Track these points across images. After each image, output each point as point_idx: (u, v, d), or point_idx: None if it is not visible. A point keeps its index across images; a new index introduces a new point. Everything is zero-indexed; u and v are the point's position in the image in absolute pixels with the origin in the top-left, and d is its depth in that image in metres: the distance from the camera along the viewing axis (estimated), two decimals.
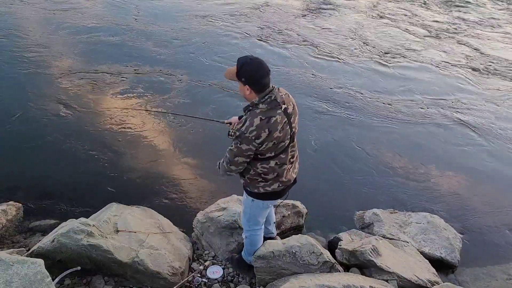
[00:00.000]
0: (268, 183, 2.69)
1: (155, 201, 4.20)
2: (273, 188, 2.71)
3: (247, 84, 2.45)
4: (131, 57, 6.98)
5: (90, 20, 8.31)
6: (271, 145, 2.50)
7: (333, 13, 9.89)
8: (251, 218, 3.00)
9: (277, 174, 2.66)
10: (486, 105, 6.59)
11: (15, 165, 4.52)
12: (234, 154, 2.54)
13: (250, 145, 2.45)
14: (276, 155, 2.58)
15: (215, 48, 7.62)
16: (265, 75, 2.44)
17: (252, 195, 2.81)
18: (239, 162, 2.56)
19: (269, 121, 2.43)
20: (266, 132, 2.43)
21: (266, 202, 2.85)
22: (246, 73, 2.44)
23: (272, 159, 2.59)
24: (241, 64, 2.45)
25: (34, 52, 6.86)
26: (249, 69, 2.44)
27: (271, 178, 2.67)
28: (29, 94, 5.76)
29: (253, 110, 2.47)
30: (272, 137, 2.46)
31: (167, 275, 3.09)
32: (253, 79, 2.44)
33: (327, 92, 6.54)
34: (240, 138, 2.45)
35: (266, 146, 2.48)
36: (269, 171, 2.63)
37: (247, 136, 2.42)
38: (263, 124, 2.42)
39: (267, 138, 2.45)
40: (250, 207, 2.93)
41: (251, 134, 2.41)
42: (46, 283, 2.50)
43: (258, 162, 2.60)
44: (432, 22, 9.72)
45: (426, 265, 3.54)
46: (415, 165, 5.14)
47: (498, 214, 4.52)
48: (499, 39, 9.01)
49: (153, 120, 5.46)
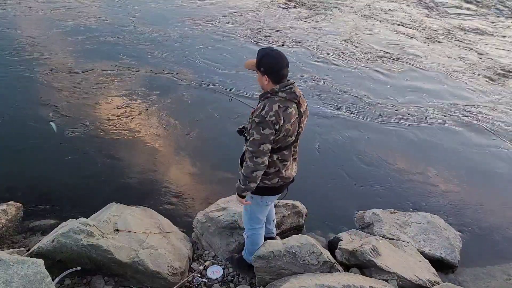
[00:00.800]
0: (269, 177, 2.72)
1: (155, 201, 4.20)
2: (272, 183, 2.74)
3: (266, 74, 2.54)
4: (132, 57, 6.99)
5: (87, 19, 8.31)
6: (281, 137, 2.55)
7: (329, 15, 9.88)
8: (252, 216, 3.01)
9: (278, 169, 2.70)
10: (489, 106, 6.59)
11: (15, 165, 4.52)
12: (258, 142, 2.51)
13: (272, 129, 2.48)
14: (280, 149, 2.62)
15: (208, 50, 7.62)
16: (284, 66, 2.53)
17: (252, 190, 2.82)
18: (265, 150, 2.52)
19: (286, 110, 2.51)
20: (282, 120, 2.49)
21: (264, 198, 2.86)
22: (266, 64, 2.53)
23: (275, 153, 2.62)
24: (261, 55, 2.55)
25: (33, 50, 6.87)
26: (269, 60, 2.53)
27: (272, 172, 2.70)
28: (29, 94, 5.77)
29: (272, 98, 2.53)
30: (285, 127, 2.52)
31: (167, 275, 3.09)
32: (272, 70, 2.53)
33: (327, 92, 6.54)
34: (262, 123, 2.48)
35: (278, 136, 2.53)
36: (271, 165, 2.66)
37: (268, 120, 2.46)
38: (281, 112, 2.49)
39: (281, 126, 2.50)
40: (250, 204, 2.93)
41: (271, 119, 2.46)
42: (46, 283, 2.50)
43: None
44: (432, 25, 9.71)
45: (426, 265, 3.54)
46: (415, 166, 5.14)
47: (498, 214, 4.52)
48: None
49: (153, 120, 5.46)
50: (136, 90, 6.06)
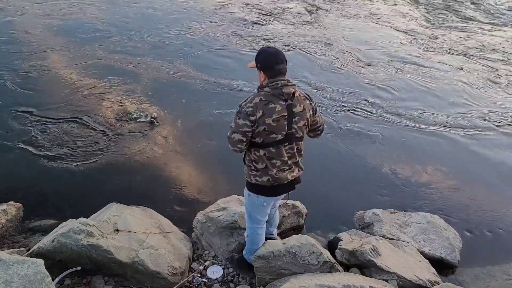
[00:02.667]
0: (259, 174, 2.75)
1: (155, 201, 4.19)
2: (263, 181, 2.76)
3: (262, 69, 2.62)
4: (133, 58, 7.00)
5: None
6: (261, 130, 2.58)
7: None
8: (251, 215, 3.04)
9: (265, 166, 2.71)
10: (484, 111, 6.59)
11: (15, 165, 4.51)
12: (232, 130, 2.64)
13: (246, 120, 2.55)
14: (265, 145, 2.65)
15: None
16: (278, 62, 2.57)
17: (248, 187, 2.89)
18: (236, 139, 2.61)
19: (267, 104, 2.55)
20: (260, 113, 2.54)
21: (260, 198, 2.87)
22: (261, 60, 2.61)
23: (261, 148, 2.67)
24: (259, 52, 2.66)
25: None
26: (264, 56, 2.61)
27: (260, 168, 2.73)
28: (29, 94, 5.77)
29: (259, 92, 2.63)
30: (264, 121, 2.55)
31: (167, 275, 3.09)
32: (266, 65, 2.59)
33: (327, 94, 6.54)
34: (239, 113, 2.59)
35: (257, 129, 2.58)
36: (258, 159, 2.70)
37: (244, 110, 2.55)
38: (261, 105, 2.55)
39: (259, 119, 2.54)
40: (248, 202, 2.99)
41: (248, 110, 2.54)
42: (46, 283, 2.50)
43: (253, 147, 2.70)
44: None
45: (426, 265, 3.54)
46: (415, 166, 5.14)
47: (498, 214, 4.52)
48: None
49: (153, 120, 5.45)
50: (136, 90, 6.06)
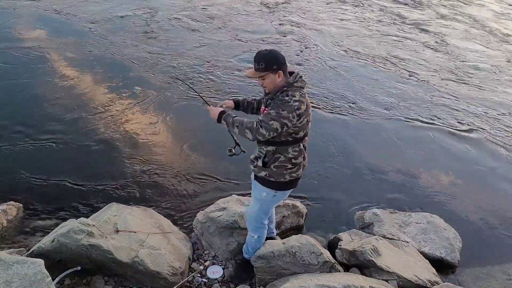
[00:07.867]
0: (295, 168, 2.73)
1: (155, 201, 4.20)
2: (298, 174, 2.77)
3: (280, 69, 2.55)
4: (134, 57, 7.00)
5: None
6: (305, 122, 2.58)
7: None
8: (260, 215, 2.99)
9: (303, 157, 2.74)
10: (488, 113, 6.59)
11: (15, 165, 4.51)
12: (271, 117, 2.49)
13: (290, 114, 2.48)
14: (304, 136, 2.67)
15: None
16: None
17: (275, 187, 2.78)
18: (273, 127, 2.48)
19: (305, 96, 2.59)
20: (304, 106, 2.54)
21: (278, 193, 2.83)
22: (275, 60, 2.56)
23: (301, 141, 2.67)
24: (262, 57, 2.55)
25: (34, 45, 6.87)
26: (275, 56, 2.57)
27: (299, 163, 2.73)
28: (28, 94, 5.77)
29: (290, 88, 2.56)
30: (307, 112, 2.58)
31: (167, 275, 3.08)
32: (281, 62, 2.57)
33: (327, 94, 6.54)
34: (283, 106, 2.50)
35: (302, 121, 2.56)
36: (299, 154, 2.69)
37: (291, 104, 2.49)
38: (302, 98, 2.56)
39: (304, 111, 2.54)
40: (262, 203, 2.91)
41: (294, 104, 2.50)
42: (46, 283, 2.50)
43: (290, 146, 2.64)
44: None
45: (426, 265, 3.54)
46: (415, 166, 5.14)
47: (498, 214, 4.52)
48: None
49: (153, 120, 5.46)
50: (135, 89, 6.06)
